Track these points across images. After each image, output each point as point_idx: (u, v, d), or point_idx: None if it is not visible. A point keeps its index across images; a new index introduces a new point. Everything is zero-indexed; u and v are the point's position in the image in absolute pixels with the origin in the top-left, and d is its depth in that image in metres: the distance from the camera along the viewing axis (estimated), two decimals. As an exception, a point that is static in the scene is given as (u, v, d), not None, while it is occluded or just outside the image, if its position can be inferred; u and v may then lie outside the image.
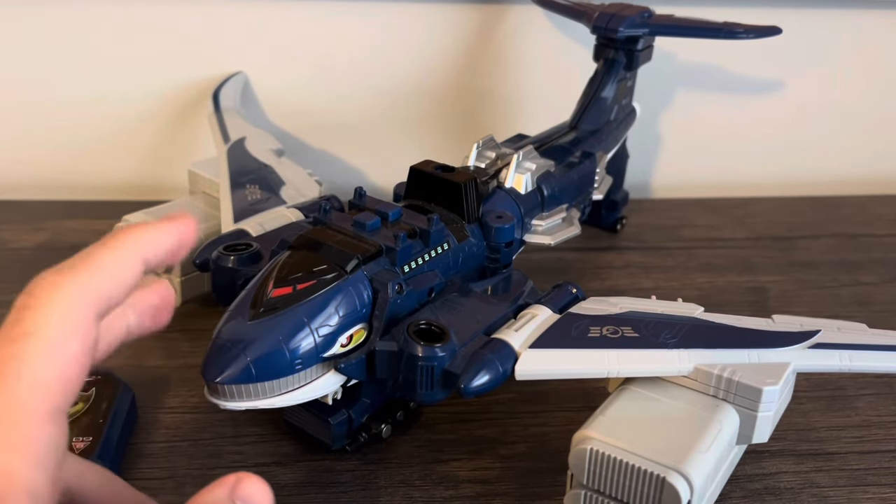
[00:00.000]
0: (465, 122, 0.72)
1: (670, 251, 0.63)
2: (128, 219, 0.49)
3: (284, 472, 0.40)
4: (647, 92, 0.67)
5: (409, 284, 0.38)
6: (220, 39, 0.67)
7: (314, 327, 0.34)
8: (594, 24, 0.58)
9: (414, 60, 0.70)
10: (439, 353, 0.35)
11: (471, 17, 0.69)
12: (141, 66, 0.67)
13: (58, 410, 0.23)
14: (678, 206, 0.71)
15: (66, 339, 0.24)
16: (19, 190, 0.68)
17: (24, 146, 0.69)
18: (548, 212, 0.50)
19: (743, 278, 0.60)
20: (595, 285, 0.58)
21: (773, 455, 0.43)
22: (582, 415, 0.36)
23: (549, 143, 0.55)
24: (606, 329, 0.38)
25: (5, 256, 0.58)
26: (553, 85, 0.71)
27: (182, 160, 0.64)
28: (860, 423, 0.45)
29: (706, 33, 0.58)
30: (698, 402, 0.36)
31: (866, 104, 0.76)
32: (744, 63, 0.73)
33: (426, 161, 0.46)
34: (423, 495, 0.39)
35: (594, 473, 0.34)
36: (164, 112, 0.69)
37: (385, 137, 0.72)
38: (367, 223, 0.39)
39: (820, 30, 0.72)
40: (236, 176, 0.52)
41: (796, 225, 0.69)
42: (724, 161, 0.77)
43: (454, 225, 0.43)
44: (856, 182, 0.78)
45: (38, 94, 0.67)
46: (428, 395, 0.36)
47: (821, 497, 0.40)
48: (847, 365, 0.37)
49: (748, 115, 0.75)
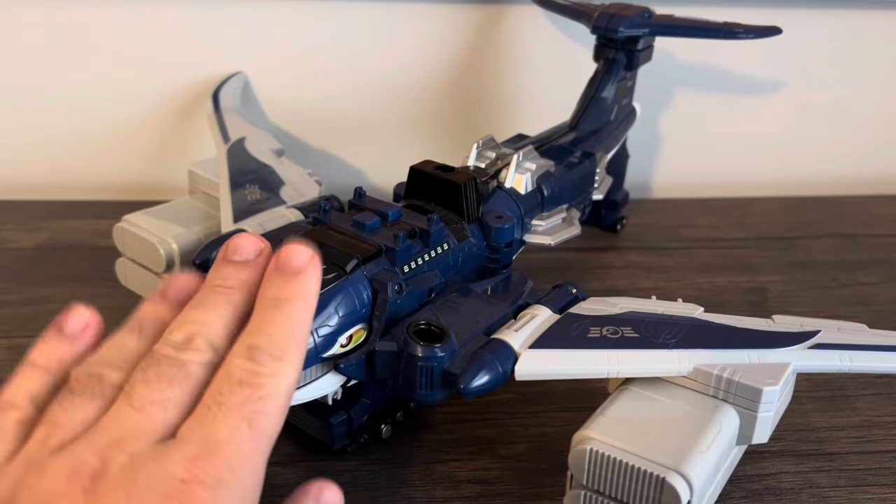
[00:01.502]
0: (465, 122, 0.72)
1: (670, 251, 0.63)
2: (128, 219, 0.49)
3: (284, 472, 0.40)
4: (647, 92, 0.67)
5: (408, 284, 0.38)
6: (220, 39, 0.67)
7: (314, 327, 0.34)
8: (594, 24, 0.58)
9: (414, 60, 0.70)
10: (439, 354, 0.35)
11: (471, 17, 0.69)
12: (141, 66, 0.67)
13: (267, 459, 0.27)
14: (678, 206, 0.71)
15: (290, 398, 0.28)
16: (19, 190, 0.68)
17: (24, 146, 0.69)
18: (548, 212, 0.50)
19: (743, 278, 0.60)
20: (595, 285, 0.58)
21: (773, 455, 0.43)
22: (582, 415, 0.36)
23: (549, 143, 0.55)
24: (606, 329, 0.38)
25: (5, 256, 0.58)
26: (553, 85, 0.71)
27: (182, 160, 0.64)
28: (860, 423, 0.45)
29: (706, 33, 0.58)
30: (698, 403, 0.36)
31: (866, 104, 0.76)
32: (744, 63, 0.73)
33: (426, 161, 0.46)
34: (423, 495, 0.39)
35: (594, 474, 0.34)
36: (164, 112, 0.69)
37: (385, 137, 0.72)
38: (366, 223, 0.39)
39: (820, 30, 0.72)
40: (236, 176, 0.52)
41: (796, 225, 0.69)
42: (724, 161, 0.77)
43: (454, 225, 0.43)
44: (856, 182, 0.78)
45: (38, 94, 0.67)
46: (428, 395, 0.36)
47: (821, 497, 0.40)
48: (847, 365, 0.37)
49: (748, 115, 0.75)
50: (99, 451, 0.25)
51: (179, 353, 0.28)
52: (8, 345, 0.48)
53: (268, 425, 0.26)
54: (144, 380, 0.27)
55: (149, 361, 0.27)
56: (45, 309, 0.52)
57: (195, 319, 0.29)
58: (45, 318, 0.27)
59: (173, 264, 0.47)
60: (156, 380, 0.27)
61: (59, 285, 0.55)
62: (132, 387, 0.27)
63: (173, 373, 0.27)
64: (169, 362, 0.27)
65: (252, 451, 0.26)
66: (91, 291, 0.54)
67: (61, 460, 0.25)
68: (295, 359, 0.28)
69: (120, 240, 0.49)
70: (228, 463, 0.25)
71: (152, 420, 0.26)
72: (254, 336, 0.28)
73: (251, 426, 0.26)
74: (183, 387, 0.27)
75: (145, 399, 0.26)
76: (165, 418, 0.26)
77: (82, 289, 0.54)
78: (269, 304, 0.29)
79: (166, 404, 0.26)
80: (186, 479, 0.24)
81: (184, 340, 0.28)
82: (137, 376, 0.27)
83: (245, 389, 0.26)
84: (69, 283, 0.55)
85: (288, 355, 0.28)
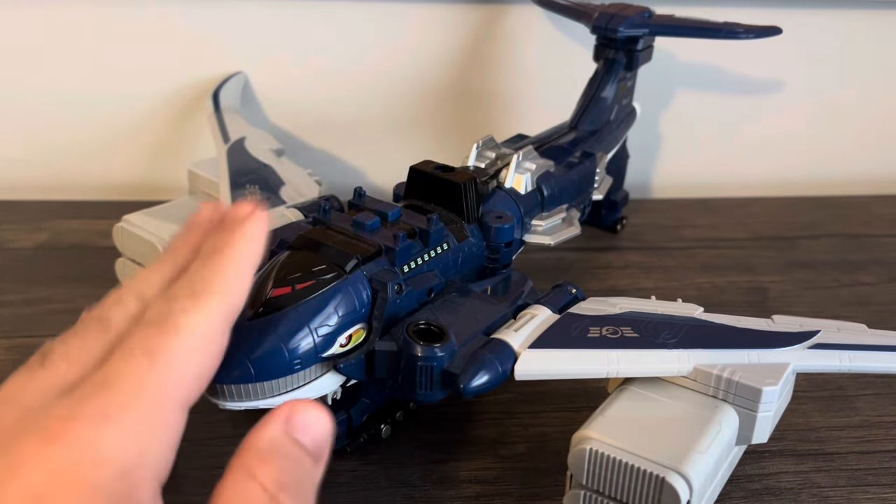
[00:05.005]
0: (465, 122, 0.72)
1: (670, 251, 0.63)
2: (128, 219, 0.49)
3: (284, 472, 0.40)
4: (647, 92, 0.67)
5: (408, 284, 0.38)
6: (220, 39, 0.67)
7: (313, 327, 0.34)
8: (594, 25, 0.58)
9: (414, 60, 0.70)
10: (438, 353, 0.35)
11: (470, 17, 0.69)
12: (141, 66, 0.67)
13: (188, 402, 0.25)
14: (678, 206, 0.71)
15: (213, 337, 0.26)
16: (19, 190, 0.68)
17: (24, 146, 0.69)
18: (548, 212, 0.50)
19: (743, 278, 0.60)
20: (595, 285, 0.58)
21: (773, 455, 0.43)
22: (582, 415, 0.36)
23: (549, 143, 0.55)
24: (606, 329, 0.38)
25: (5, 256, 0.58)
26: (553, 85, 0.71)
27: (182, 160, 0.63)
28: (860, 423, 0.45)
29: (706, 33, 0.58)
30: (698, 403, 0.36)
31: (866, 104, 0.76)
32: (744, 63, 0.73)
33: (426, 161, 0.46)
34: (423, 495, 0.39)
35: (594, 474, 0.34)
36: (164, 112, 0.69)
37: (385, 137, 0.72)
38: (366, 223, 0.39)
39: (820, 30, 0.72)
40: (236, 176, 0.52)
41: (796, 225, 0.69)
42: (724, 161, 0.77)
43: (454, 225, 0.43)
44: (856, 182, 0.78)
45: (37, 94, 0.67)
46: (427, 395, 0.36)
47: (821, 497, 0.40)
48: (847, 365, 0.37)
49: (748, 115, 0.75)
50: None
51: (105, 310, 0.26)
52: (8, 345, 0.48)
53: (176, 361, 0.24)
54: (63, 339, 0.26)
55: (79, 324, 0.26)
56: (45, 309, 0.52)
57: (137, 279, 0.28)
58: (45, 318, 0.27)
59: (173, 264, 0.47)
60: (72, 336, 0.26)
61: (59, 285, 0.55)
62: (51, 346, 0.25)
63: (92, 327, 0.26)
64: (92, 319, 0.26)
65: (154, 387, 0.24)
66: (91, 291, 0.53)
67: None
68: (219, 292, 0.26)
69: (120, 240, 0.49)
70: (119, 397, 0.23)
71: (56, 374, 0.24)
72: (178, 282, 0.27)
73: (151, 360, 0.24)
74: (97, 339, 0.25)
75: (55, 355, 0.25)
76: (70, 371, 0.24)
77: (82, 289, 0.54)
78: (202, 254, 0.28)
79: (72, 356, 0.25)
80: (65, 416, 0.22)
81: (115, 299, 0.27)
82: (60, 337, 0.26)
83: (151, 328, 0.25)
84: (69, 283, 0.55)
85: (208, 290, 0.26)
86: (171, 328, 0.25)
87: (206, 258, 0.28)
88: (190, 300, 0.26)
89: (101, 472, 0.22)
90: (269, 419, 0.25)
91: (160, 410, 0.24)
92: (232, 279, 0.27)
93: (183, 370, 0.24)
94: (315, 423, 0.26)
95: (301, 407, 0.25)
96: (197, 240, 0.30)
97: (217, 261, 0.27)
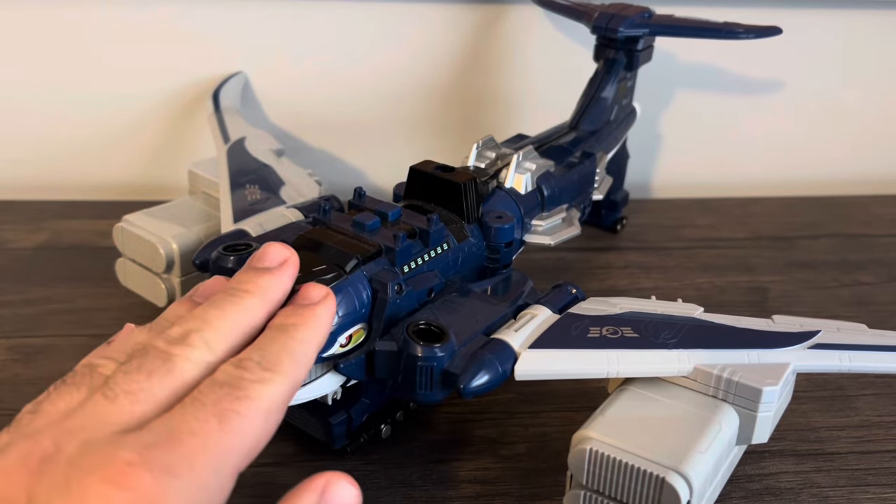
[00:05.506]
0: (465, 122, 0.72)
1: (670, 251, 0.63)
2: (128, 219, 0.49)
3: (284, 472, 0.40)
4: (647, 92, 0.67)
5: (408, 284, 0.38)
6: (220, 39, 0.67)
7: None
8: (594, 25, 0.58)
9: (414, 60, 0.70)
10: (438, 354, 0.35)
11: (471, 17, 0.69)
12: (141, 66, 0.67)
13: (241, 470, 0.25)
14: (678, 206, 0.71)
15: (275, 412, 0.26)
16: (19, 190, 0.68)
17: (24, 146, 0.69)
18: (548, 212, 0.50)
19: (743, 278, 0.60)
20: (595, 285, 0.58)
21: (773, 455, 0.43)
22: (582, 415, 0.36)
23: (549, 143, 0.55)
24: (606, 329, 0.38)
25: (5, 256, 0.58)
26: (553, 85, 0.71)
27: (182, 160, 0.64)
28: (860, 423, 0.45)
29: (706, 33, 0.58)
30: (698, 403, 0.36)
31: (866, 104, 0.76)
32: (744, 63, 0.73)
33: (426, 161, 0.46)
34: (423, 495, 0.39)
35: (593, 474, 0.34)
36: (164, 112, 0.69)
37: (385, 137, 0.72)
38: (366, 223, 0.39)
39: (820, 30, 0.72)
40: (236, 176, 0.52)
41: (796, 225, 0.69)
42: (724, 161, 0.77)
43: (454, 225, 0.43)
44: (856, 182, 0.78)
45: (38, 94, 0.67)
46: (427, 395, 0.36)
47: (821, 497, 0.40)
48: (847, 365, 0.37)
49: (748, 115, 0.75)
50: (56, 436, 0.23)
51: (170, 346, 0.27)
52: (8, 345, 0.48)
53: (242, 427, 0.25)
54: (126, 370, 0.26)
55: (138, 352, 0.26)
56: (45, 309, 0.52)
57: (200, 316, 0.28)
58: (45, 318, 0.27)
59: (173, 264, 0.47)
60: (136, 370, 0.26)
61: (59, 285, 0.55)
62: (113, 376, 0.26)
63: (156, 365, 0.26)
64: (156, 354, 0.26)
65: (218, 450, 0.24)
66: (91, 291, 0.54)
67: (22, 443, 0.23)
68: (287, 372, 0.27)
69: (120, 240, 0.49)
70: (186, 455, 0.23)
71: (120, 410, 0.24)
72: (249, 351, 0.27)
73: (221, 422, 0.24)
74: (164, 381, 0.26)
75: (119, 388, 0.25)
76: (134, 410, 0.25)
77: (82, 289, 0.54)
78: (273, 327, 0.29)
79: (139, 395, 0.25)
80: (133, 461, 0.22)
81: (180, 335, 0.27)
82: (122, 367, 0.26)
83: (224, 388, 0.25)
84: (69, 283, 0.55)
85: (279, 367, 0.27)
86: (243, 396, 0.25)
87: (278, 332, 0.29)
88: (264, 373, 0.26)
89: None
90: (306, 488, 0.26)
91: (218, 474, 0.24)
92: (300, 361, 0.28)
93: (245, 439, 0.25)
94: (349, 500, 0.27)
95: (336, 480, 0.26)
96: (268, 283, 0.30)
97: (288, 339, 0.28)
